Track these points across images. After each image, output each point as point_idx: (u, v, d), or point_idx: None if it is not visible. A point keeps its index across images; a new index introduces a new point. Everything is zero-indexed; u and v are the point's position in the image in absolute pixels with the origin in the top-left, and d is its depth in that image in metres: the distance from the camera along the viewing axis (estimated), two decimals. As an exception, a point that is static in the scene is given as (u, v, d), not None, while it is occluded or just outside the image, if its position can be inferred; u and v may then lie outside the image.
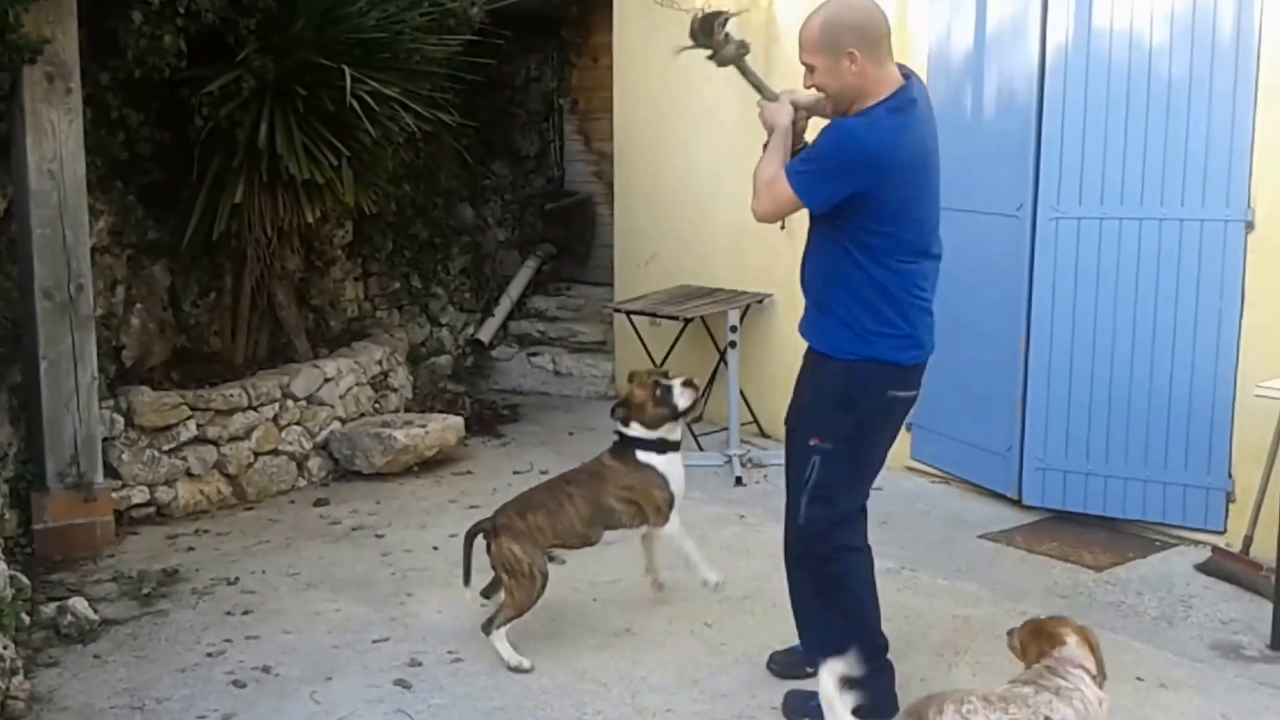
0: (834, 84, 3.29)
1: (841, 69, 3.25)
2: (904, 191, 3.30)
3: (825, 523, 3.49)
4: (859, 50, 3.22)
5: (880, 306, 3.37)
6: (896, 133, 3.26)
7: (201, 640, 4.19)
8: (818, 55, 3.27)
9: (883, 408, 3.46)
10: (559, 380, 8.22)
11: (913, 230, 3.36)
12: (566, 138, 9.12)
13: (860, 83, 3.27)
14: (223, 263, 6.22)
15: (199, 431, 5.60)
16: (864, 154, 3.24)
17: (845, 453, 3.44)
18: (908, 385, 3.47)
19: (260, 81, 5.46)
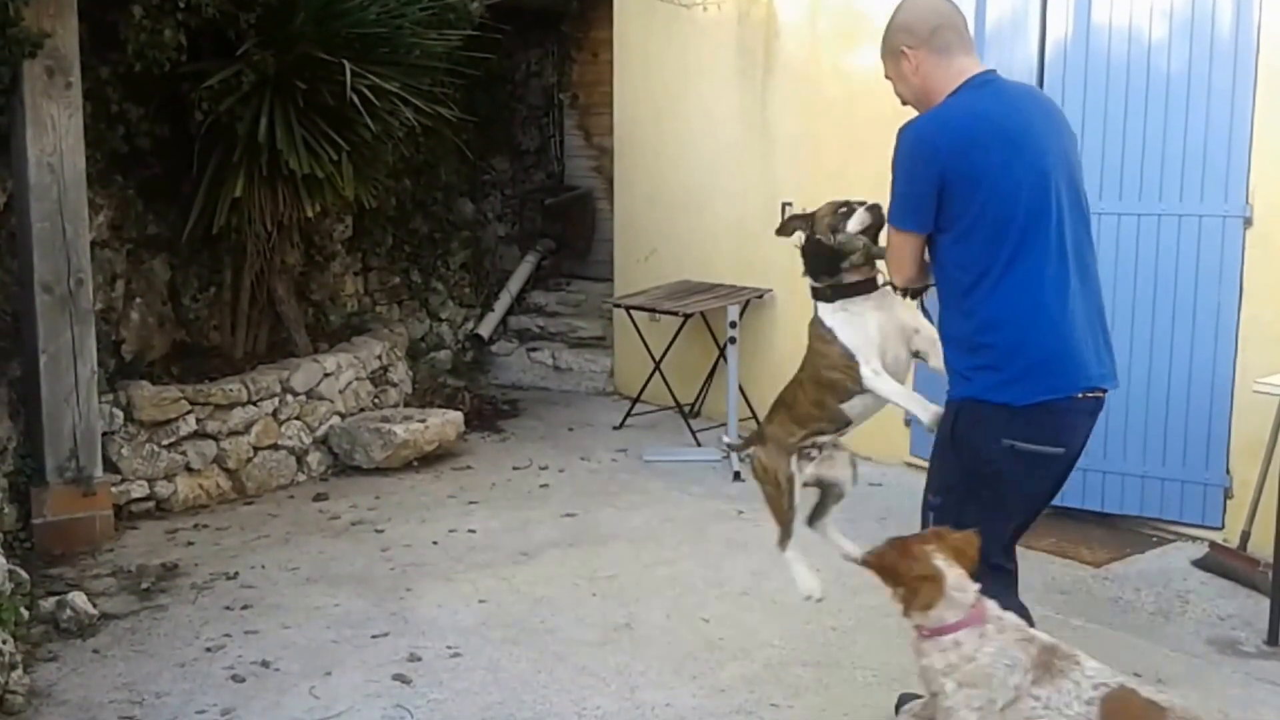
0: (905, 91, 3.04)
1: (904, 72, 3.00)
2: (980, 178, 2.81)
3: None
4: (911, 47, 2.96)
5: (972, 333, 2.89)
6: (957, 115, 2.88)
7: (201, 635, 4.19)
8: (886, 65, 3.06)
9: (1000, 459, 2.85)
10: (558, 375, 8.23)
11: (1005, 228, 2.82)
12: (566, 133, 9.13)
13: (925, 82, 2.96)
14: (222, 257, 6.22)
15: (198, 426, 5.60)
16: (920, 143, 2.87)
17: (954, 509, 2.93)
18: (1031, 433, 2.83)
19: (260, 76, 5.45)
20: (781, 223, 3.51)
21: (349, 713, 3.63)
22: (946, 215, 2.85)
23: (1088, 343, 2.88)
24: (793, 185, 6.62)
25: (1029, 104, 2.99)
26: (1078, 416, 2.88)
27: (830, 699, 3.71)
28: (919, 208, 2.88)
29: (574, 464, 6.39)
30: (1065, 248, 2.86)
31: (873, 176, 6.14)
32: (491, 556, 4.98)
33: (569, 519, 5.47)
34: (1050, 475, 2.94)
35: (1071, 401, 2.85)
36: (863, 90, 6.19)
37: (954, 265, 2.90)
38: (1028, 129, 2.89)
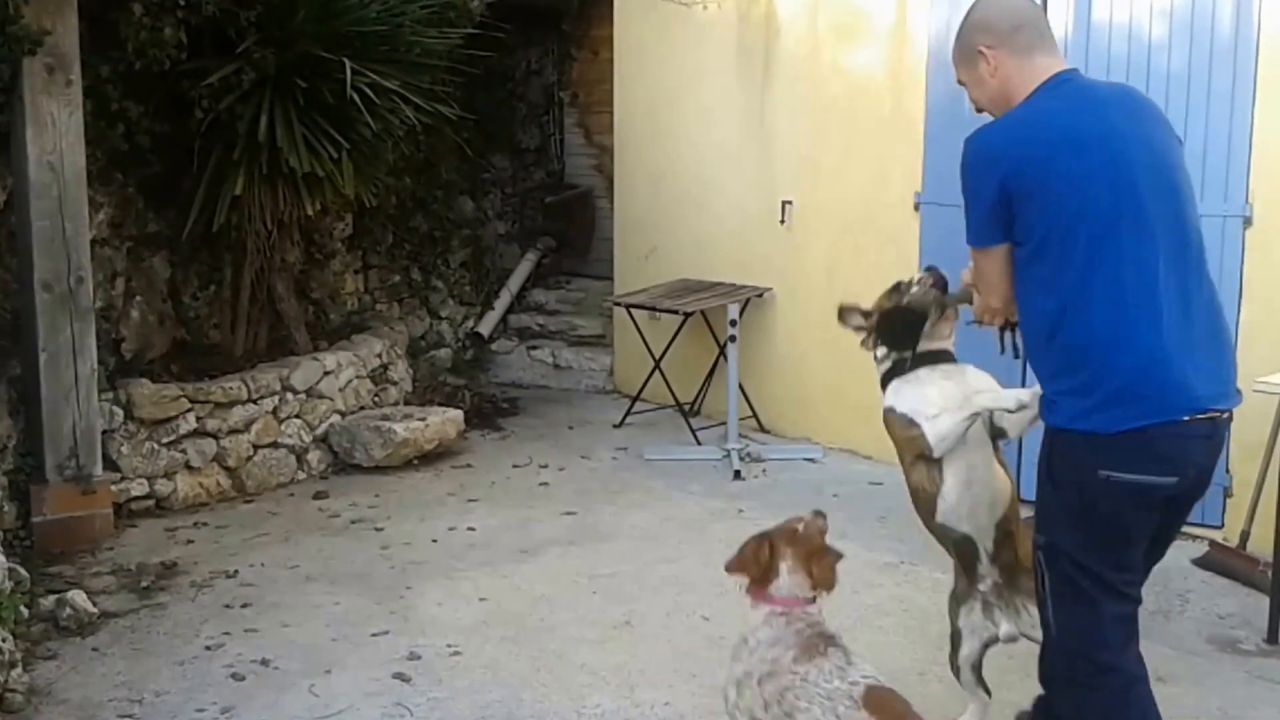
0: (982, 96, 2.80)
1: (981, 75, 2.76)
2: (1045, 187, 2.58)
3: (1082, 635, 2.65)
4: (988, 46, 2.72)
5: (1055, 355, 2.65)
6: (1022, 120, 2.67)
7: (200, 633, 4.19)
8: (961, 70, 2.83)
9: (1097, 491, 2.58)
10: (558, 374, 8.23)
11: (1074, 240, 2.57)
12: (567, 131, 9.12)
13: (1006, 84, 2.73)
14: (223, 255, 6.22)
15: (198, 424, 5.60)
16: (979, 151, 2.67)
17: (1064, 548, 2.66)
18: (1130, 463, 2.54)
19: (260, 74, 5.45)
20: (839, 311, 3.44)
21: (349, 711, 3.63)
22: (1017, 229, 2.64)
23: (1192, 361, 2.56)
24: (792, 184, 6.63)
25: (1113, 105, 2.71)
26: (1187, 441, 2.57)
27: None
28: (989, 220, 2.66)
29: (574, 462, 6.39)
30: (1153, 258, 2.56)
31: (872, 173, 6.21)
32: (491, 555, 4.98)
33: (569, 517, 5.47)
34: (1161, 505, 2.62)
35: (1176, 426, 2.53)
36: (862, 89, 6.21)
37: (1032, 282, 2.66)
38: (1106, 132, 2.63)
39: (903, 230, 5.95)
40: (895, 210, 6.00)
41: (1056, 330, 2.61)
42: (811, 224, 6.55)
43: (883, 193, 6.09)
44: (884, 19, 6.03)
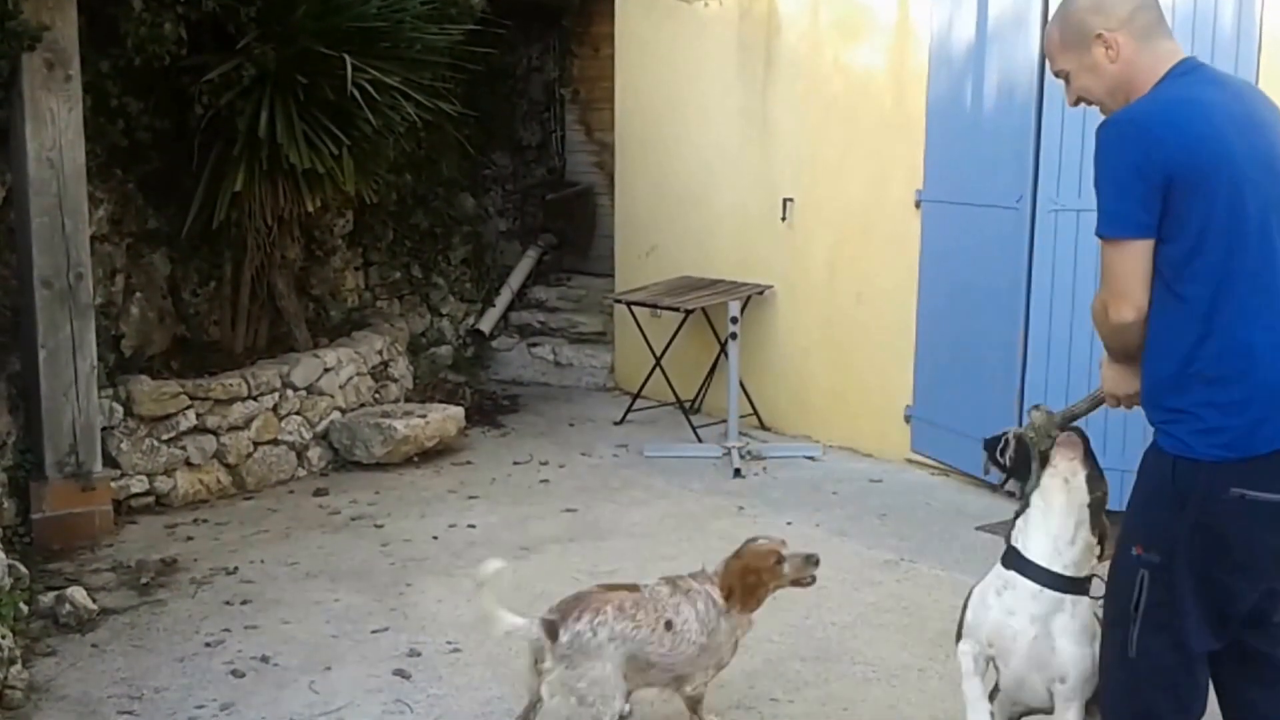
0: (1096, 85, 2.53)
1: (1097, 61, 2.51)
2: (1213, 176, 2.34)
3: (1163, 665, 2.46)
4: (1111, 29, 2.48)
5: (1196, 368, 2.38)
6: (1179, 103, 2.41)
7: (200, 630, 4.18)
8: (1066, 57, 2.56)
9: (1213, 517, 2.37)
10: (559, 371, 8.23)
11: (1239, 239, 2.35)
12: (568, 128, 9.12)
13: (1127, 70, 2.49)
14: (223, 251, 6.21)
15: (198, 421, 5.60)
16: (1141, 132, 2.38)
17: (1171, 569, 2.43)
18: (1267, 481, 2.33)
19: (261, 70, 5.44)
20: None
21: (348, 708, 3.63)
22: (1165, 225, 2.37)
23: None
24: (794, 181, 6.62)
25: (1251, 95, 2.54)
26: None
27: (829, 694, 3.70)
28: (1143, 208, 2.35)
29: (574, 459, 6.38)
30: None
31: (873, 171, 6.19)
32: (491, 551, 4.93)
33: (569, 514, 5.46)
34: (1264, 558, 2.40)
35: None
36: (863, 85, 6.20)
37: (1176, 282, 2.38)
38: (1261, 123, 2.44)
39: (904, 228, 5.94)
40: (896, 208, 5.99)
41: (1207, 338, 2.36)
42: (812, 221, 6.54)
43: (884, 190, 6.08)
44: (886, 16, 6.02)
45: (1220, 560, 2.38)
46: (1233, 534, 2.36)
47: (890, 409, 6.14)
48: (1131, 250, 2.39)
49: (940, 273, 5.80)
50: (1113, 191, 2.40)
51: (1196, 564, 2.38)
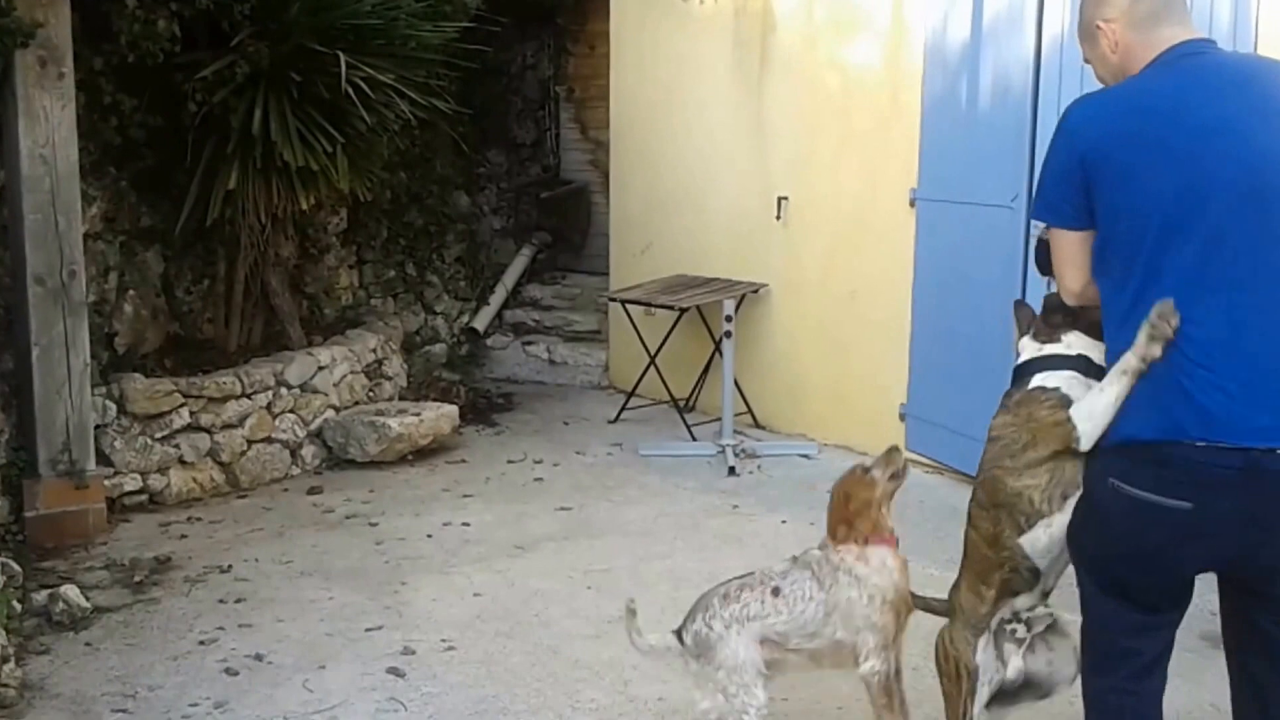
0: (1105, 74, 2.56)
1: (1103, 52, 2.52)
2: (1123, 173, 2.34)
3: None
4: (1109, 20, 2.49)
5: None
6: (1117, 95, 2.47)
7: (194, 628, 4.18)
8: (1085, 48, 2.59)
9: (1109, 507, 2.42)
10: (554, 369, 8.22)
11: (1140, 238, 2.34)
12: (563, 126, 9.11)
13: (1125, 60, 2.48)
14: (216, 249, 6.20)
15: (192, 419, 5.59)
16: (1065, 121, 2.47)
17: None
18: (1139, 479, 2.34)
19: (254, 67, 5.43)
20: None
21: (343, 706, 3.63)
22: (1097, 213, 2.41)
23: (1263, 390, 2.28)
24: (789, 179, 6.62)
25: (1237, 84, 2.40)
26: (1213, 471, 2.28)
27: (824, 691, 3.70)
28: (1058, 198, 2.46)
29: (569, 458, 6.38)
30: (1225, 270, 2.30)
31: (868, 169, 6.19)
32: (486, 550, 4.97)
33: (564, 513, 5.46)
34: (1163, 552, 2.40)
35: (1206, 452, 2.27)
36: (858, 83, 6.20)
37: (1098, 269, 2.47)
38: (1217, 119, 2.33)
39: (899, 226, 5.94)
40: (891, 206, 5.99)
41: (1120, 333, 2.40)
42: (807, 220, 6.54)
43: (879, 189, 6.08)
44: (881, 13, 6.02)
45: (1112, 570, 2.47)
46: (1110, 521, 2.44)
47: (885, 407, 6.14)
48: (1057, 237, 2.53)
49: (935, 271, 5.80)
50: (1041, 176, 2.54)
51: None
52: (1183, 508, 2.30)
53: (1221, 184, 2.30)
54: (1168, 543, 2.38)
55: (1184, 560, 2.43)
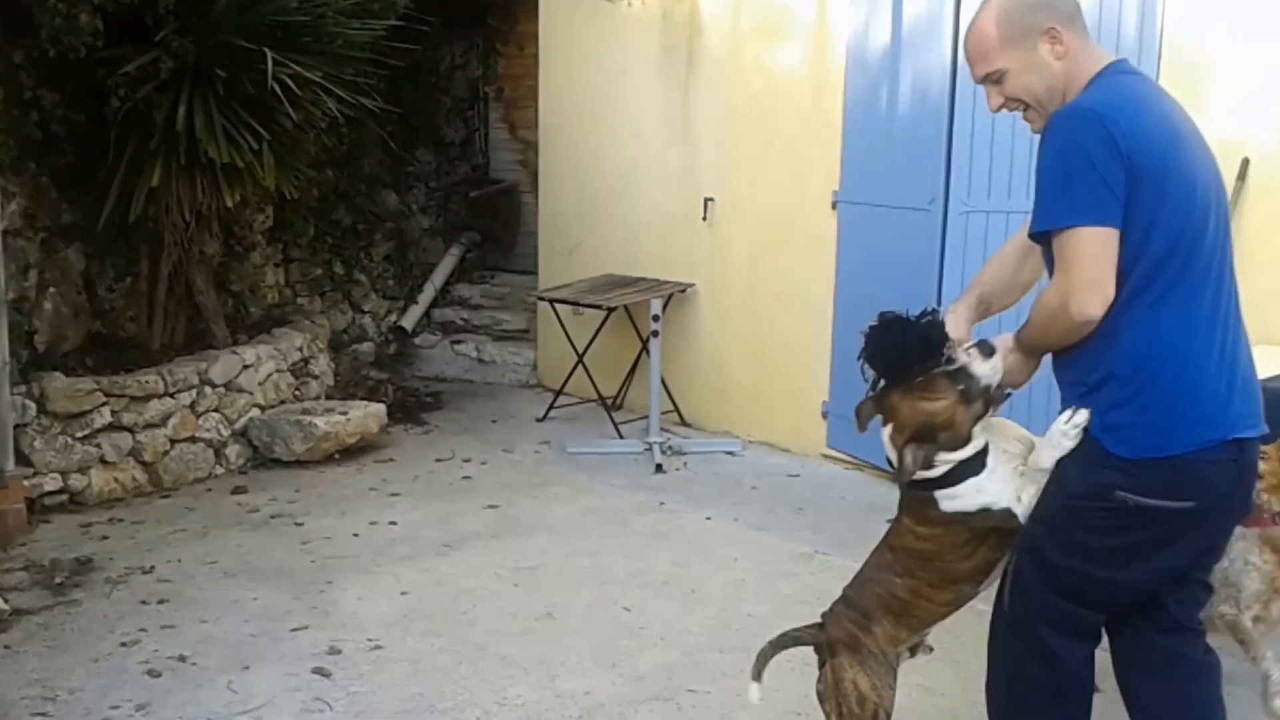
0: (1038, 83, 2.45)
1: (1042, 59, 2.43)
2: (1164, 174, 2.32)
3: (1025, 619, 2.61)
4: (1059, 24, 2.42)
5: (1110, 361, 2.41)
6: (1128, 98, 2.37)
7: (116, 630, 4.14)
8: (1006, 54, 2.45)
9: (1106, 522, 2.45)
10: (482, 368, 8.24)
11: (1177, 241, 2.34)
12: (491, 126, 9.13)
13: (1071, 67, 2.42)
14: (139, 247, 6.13)
15: (114, 418, 5.52)
16: (1099, 120, 2.29)
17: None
18: (1149, 489, 2.37)
19: (179, 63, 5.37)
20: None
21: (267, 707, 3.62)
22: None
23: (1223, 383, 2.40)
24: (715, 180, 6.70)
25: (1178, 105, 2.49)
26: (1213, 468, 2.38)
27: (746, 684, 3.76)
28: (1111, 195, 2.28)
29: (497, 456, 6.40)
30: (1223, 275, 2.41)
31: (792, 172, 6.29)
32: (413, 549, 4.98)
33: (492, 511, 5.49)
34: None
35: (1211, 451, 2.36)
36: (783, 87, 6.30)
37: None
38: (1194, 132, 2.44)
39: (821, 228, 6.05)
40: (814, 208, 6.10)
41: (1123, 334, 2.37)
42: (733, 221, 6.63)
43: (802, 191, 6.18)
44: (805, 20, 6.13)
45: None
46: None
47: (808, 405, 6.25)
48: (1103, 237, 2.29)
49: (856, 272, 5.91)
50: (1081, 178, 2.30)
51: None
52: (1186, 508, 2.36)
53: (1215, 194, 2.41)
54: (1163, 546, 2.43)
55: (1171, 562, 2.47)
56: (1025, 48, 2.44)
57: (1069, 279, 2.32)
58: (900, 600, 2.69)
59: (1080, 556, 2.46)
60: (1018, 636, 2.58)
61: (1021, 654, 2.58)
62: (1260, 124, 4.61)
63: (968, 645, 3.97)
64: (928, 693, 3.65)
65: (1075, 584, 2.49)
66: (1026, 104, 2.50)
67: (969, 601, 2.71)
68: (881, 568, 2.74)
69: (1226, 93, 4.68)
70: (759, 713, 3.55)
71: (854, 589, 2.80)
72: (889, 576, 2.70)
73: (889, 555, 2.72)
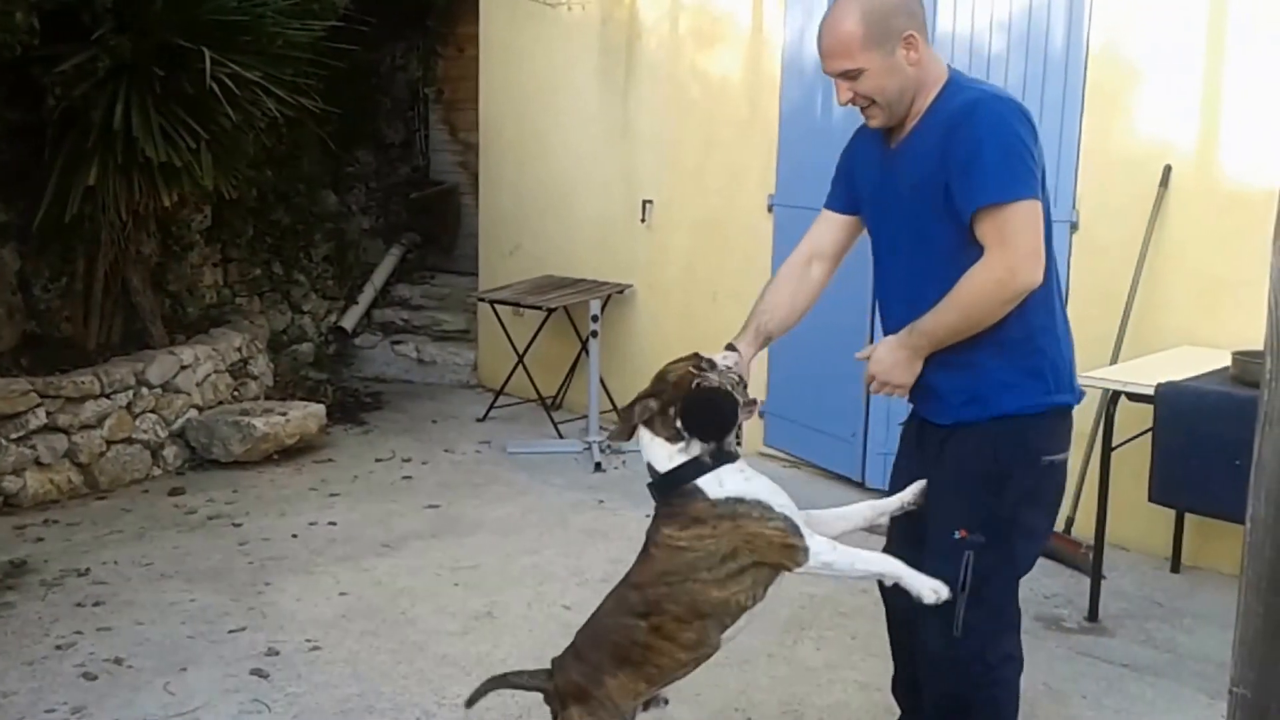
0: (891, 84, 2.57)
1: (898, 63, 2.55)
2: (1043, 176, 2.61)
3: (987, 632, 2.69)
4: (916, 31, 2.57)
5: (1028, 335, 2.64)
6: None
7: (50, 632, 4.11)
8: (867, 54, 2.54)
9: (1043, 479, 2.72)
10: (422, 368, 8.24)
11: (1049, 224, 2.61)
12: (432, 127, 9.13)
13: (921, 73, 2.58)
14: (75, 246, 6.07)
15: (49, 419, 5.47)
16: (1025, 113, 2.55)
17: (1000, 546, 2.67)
18: (1056, 445, 2.70)
19: (116, 61, 5.34)
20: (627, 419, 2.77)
21: (205, 708, 3.61)
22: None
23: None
24: (654, 183, 6.77)
25: None
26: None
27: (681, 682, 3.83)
28: (1038, 175, 2.51)
29: (437, 456, 6.42)
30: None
31: (729, 174, 6.38)
32: (352, 549, 4.99)
33: (432, 510, 5.51)
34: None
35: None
36: (720, 91, 6.38)
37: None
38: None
39: (757, 230, 6.15)
40: (751, 211, 6.20)
41: (1034, 308, 2.57)
42: (671, 223, 6.71)
43: (739, 193, 6.27)
44: (741, 24, 6.22)
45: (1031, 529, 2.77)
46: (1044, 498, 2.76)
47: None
48: (1037, 211, 2.49)
49: (793, 275, 5.99)
50: (1024, 155, 2.47)
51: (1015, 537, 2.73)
52: (1066, 457, 2.72)
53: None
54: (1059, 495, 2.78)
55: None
56: (885, 51, 2.55)
57: (1015, 250, 2.46)
58: (640, 647, 2.56)
59: (1038, 536, 2.73)
60: (984, 656, 2.69)
61: (988, 673, 2.69)
62: (1183, 131, 4.75)
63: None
64: (863, 689, 3.74)
65: (1028, 566, 2.74)
66: (874, 101, 2.61)
67: (708, 659, 2.60)
68: (621, 612, 2.60)
69: (1151, 101, 4.82)
70: (699, 707, 3.61)
71: (585, 639, 2.67)
72: (630, 621, 2.57)
73: (633, 595, 2.58)
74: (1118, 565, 4.75)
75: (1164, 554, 4.81)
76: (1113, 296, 4.87)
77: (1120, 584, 4.62)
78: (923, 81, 2.59)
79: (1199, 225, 4.72)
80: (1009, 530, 2.62)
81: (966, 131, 2.49)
